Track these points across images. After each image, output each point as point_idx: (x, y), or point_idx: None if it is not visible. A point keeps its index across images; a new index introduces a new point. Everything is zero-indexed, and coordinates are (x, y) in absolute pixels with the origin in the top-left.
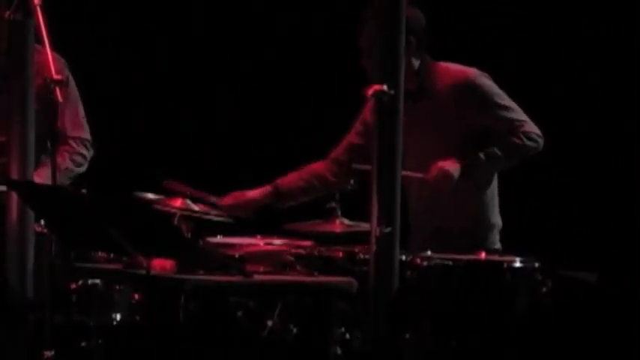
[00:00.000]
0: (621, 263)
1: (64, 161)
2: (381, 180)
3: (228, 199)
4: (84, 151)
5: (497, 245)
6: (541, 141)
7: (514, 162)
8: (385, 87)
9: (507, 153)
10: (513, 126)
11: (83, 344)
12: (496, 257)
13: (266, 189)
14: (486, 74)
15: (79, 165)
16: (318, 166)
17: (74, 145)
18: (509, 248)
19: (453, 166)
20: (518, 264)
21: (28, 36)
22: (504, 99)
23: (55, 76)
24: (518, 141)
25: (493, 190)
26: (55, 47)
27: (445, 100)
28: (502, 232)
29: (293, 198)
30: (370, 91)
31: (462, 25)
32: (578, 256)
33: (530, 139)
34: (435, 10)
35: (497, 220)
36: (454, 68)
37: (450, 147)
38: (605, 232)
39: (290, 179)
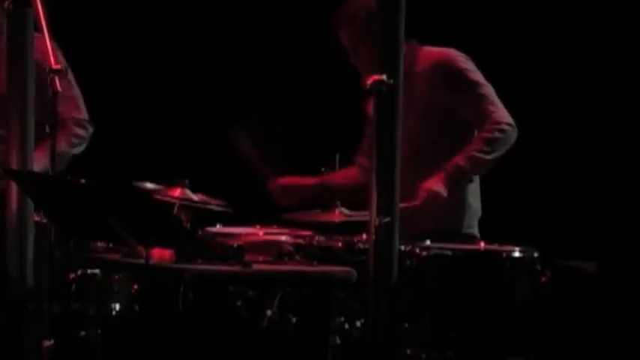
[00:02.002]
0: (620, 252)
1: (60, 144)
2: (380, 170)
3: (283, 182)
4: (81, 132)
5: (474, 230)
6: (511, 130)
7: (495, 157)
8: (384, 77)
9: (485, 151)
10: (483, 114)
11: (82, 334)
12: (495, 247)
13: (313, 180)
14: (466, 56)
15: (75, 146)
16: (354, 171)
17: (70, 126)
18: (508, 238)
19: (438, 186)
20: (517, 254)
21: (27, 25)
22: (477, 81)
23: (55, 66)
24: (490, 135)
25: None
26: (54, 36)
27: (422, 80)
28: (502, 223)
29: (335, 196)
30: (369, 81)
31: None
32: (577, 246)
33: (500, 130)
34: None
35: (473, 202)
36: (435, 50)
37: (427, 131)
38: (604, 221)
39: (337, 177)
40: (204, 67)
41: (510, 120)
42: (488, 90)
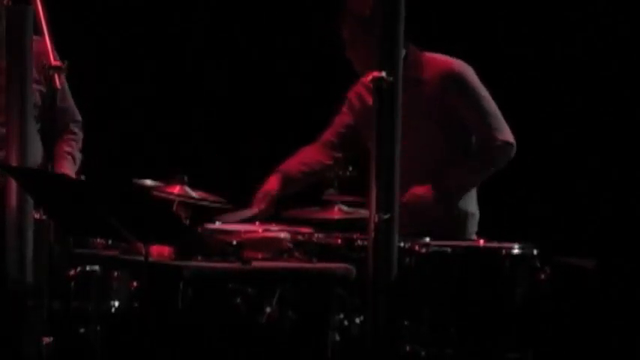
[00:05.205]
0: (619, 249)
1: (73, 149)
2: (380, 167)
3: (261, 205)
4: (81, 134)
5: (473, 235)
6: (511, 150)
7: (485, 177)
8: (384, 74)
9: (477, 173)
10: (486, 132)
11: (82, 331)
12: (495, 244)
13: (278, 179)
14: (471, 68)
15: (80, 149)
16: (313, 151)
17: (76, 130)
18: (507, 235)
19: (426, 194)
20: (516, 250)
21: (26, 24)
22: (484, 98)
23: (54, 63)
24: (488, 157)
25: None
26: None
27: (431, 89)
28: (501, 220)
29: (297, 185)
30: (369, 78)
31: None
32: (577, 243)
33: (500, 152)
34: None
35: (472, 209)
36: (440, 58)
37: (432, 138)
38: (603, 219)
39: (292, 166)
40: (203, 65)
41: (511, 138)
42: (493, 106)
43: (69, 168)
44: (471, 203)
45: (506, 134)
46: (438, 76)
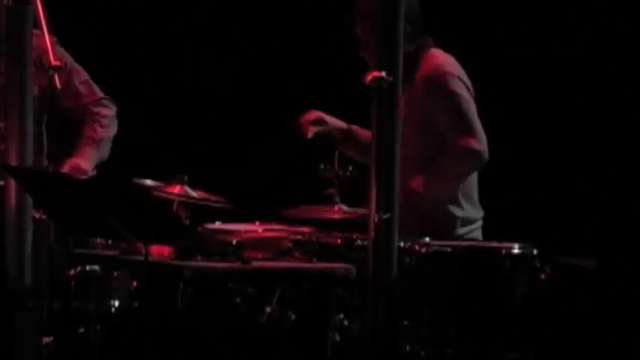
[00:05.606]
0: (619, 249)
1: (96, 132)
2: (380, 166)
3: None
4: (106, 111)
5: (472, 235)
6: (475, 157)
7: (454, 181)
8: (384, 74)
9: (442, 176)
10: (452, 137)
11: (81, 330)
12: (495, 244)
13: (342, 123)
14: (461, 77)
15: (109, 126)
16: None
17: (96, 109)
18: (507, 234)
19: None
20: (516, 250)
21: (26, 22)
22: (459, 104)
23: (54, 63)
24: (448, 163)
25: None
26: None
27: (418, 88)
28: (502, 219)
29: (355, 148)
30: (368, 78)
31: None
32: (576, 243)
33: (460, 158)
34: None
35: (460, 213)
36: (434, 58)
37: (427, 137)
38: (603, 219)
39: (363, 131)
40: (203, 65)
41: (478, 145)
42: (468, 112)
43: (88, 155)
44: (459, 207)
45: (473, 141)
46: (425, 75)
